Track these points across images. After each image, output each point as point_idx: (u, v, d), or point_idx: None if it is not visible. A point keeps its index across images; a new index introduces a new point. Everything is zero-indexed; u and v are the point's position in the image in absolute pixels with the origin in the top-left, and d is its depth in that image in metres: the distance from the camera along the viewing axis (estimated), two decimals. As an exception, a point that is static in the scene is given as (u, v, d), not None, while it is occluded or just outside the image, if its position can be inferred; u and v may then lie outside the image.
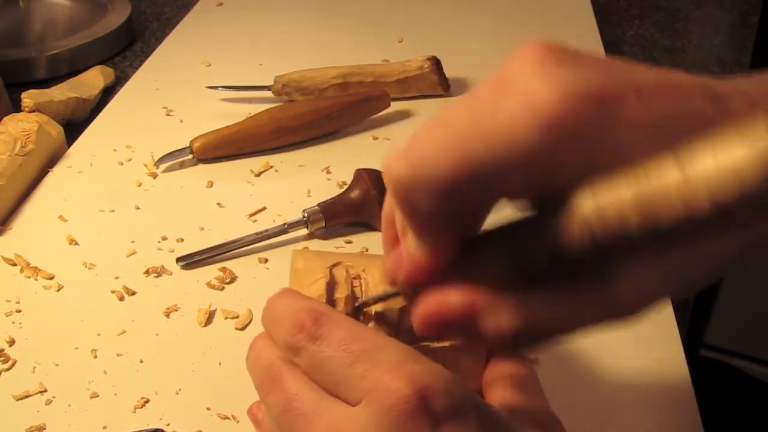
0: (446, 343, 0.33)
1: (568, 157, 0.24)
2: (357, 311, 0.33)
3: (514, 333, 0.26)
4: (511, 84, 0.24)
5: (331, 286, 0.33)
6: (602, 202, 0.23)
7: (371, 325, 0.32)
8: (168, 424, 0.41)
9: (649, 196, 0.22)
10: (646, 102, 0.24)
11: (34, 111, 0.66)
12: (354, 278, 0.33)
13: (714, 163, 0.20)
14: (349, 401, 0.27)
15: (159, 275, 0.52)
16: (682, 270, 0.27)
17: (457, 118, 0.25)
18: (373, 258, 0.35)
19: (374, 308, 0.32)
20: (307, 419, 0.27)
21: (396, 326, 0.32)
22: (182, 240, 0.55)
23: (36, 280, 0.51)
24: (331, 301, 0.32)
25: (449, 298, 0.27)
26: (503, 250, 0.27)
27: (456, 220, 0.26)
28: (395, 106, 0.69)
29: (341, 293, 0.32)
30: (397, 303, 0.33)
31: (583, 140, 0.23)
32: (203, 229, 0.56)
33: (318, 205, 0.54)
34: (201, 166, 0.64)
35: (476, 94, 0.25)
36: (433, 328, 0.28)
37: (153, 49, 0.85)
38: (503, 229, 0.27)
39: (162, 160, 0.63)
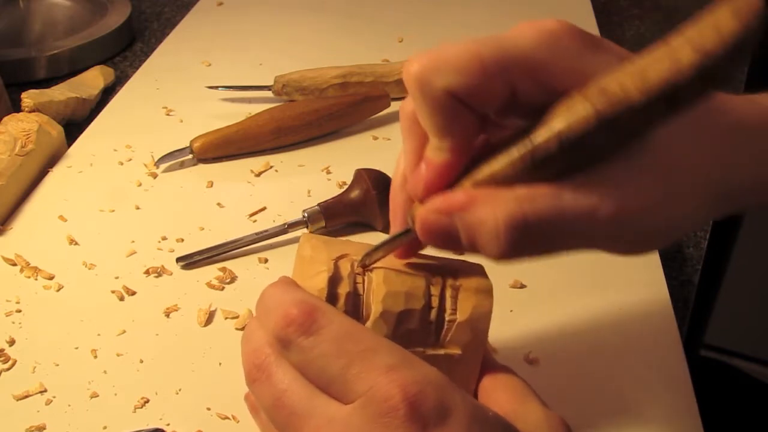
0: (441, 351, 0.33)
1: (562, 65, 0.28)
2: (365, 262, 0.33)
3: (508, 222, 0.27)
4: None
5: (334, 280, 0.32)
6: (602, 83, 0.27)
7: (369, 324, 0.32)
8: (168, 424, 0.41)
9: (643, 65, 0.26)
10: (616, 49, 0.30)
11: (34, 111, 0.66)
12: (358, 274, 0.33)
13: (694, 29, 0.25)
14: (340, 400, 0.27)
15: (159, 275, 0.52)
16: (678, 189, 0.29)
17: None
18: None
19: (373, 308, 0.32)
20: (298, 416, 0.27)
21: (393, 328, 0.32)
22: (182, 240, 0.55)
23: (36, 280, 0.51)
24: (332, 295, 0.32)
25: (454, 194, 0.29)
26: (513, 143, 0.28)
27: (470, 111, 0.29)
28: (395, 106, 0.69)
29: (343, 289, 0.32)
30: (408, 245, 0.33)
31: (574, 55, 0.29)
32: (203, 229, 0.56)
33: (318, 205, 0.54)
34: (201, 166, 0.64)
35: None
36: (434, 227, 0.29)
37: (153, 49, 0.85)
38: (515, 132, 0.29)
39: (162, 160, 0.63)
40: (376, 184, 0.53)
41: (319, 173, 0.62)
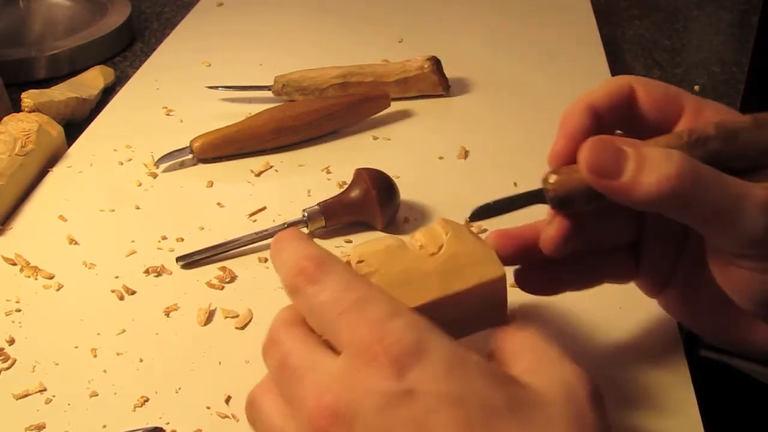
0: None
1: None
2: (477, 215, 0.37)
3: (683, 157, 0.32)
4: None
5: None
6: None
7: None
8: (167, 423, 0.41)
9: None
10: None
11: (34, 111, 0.66)
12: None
13: None
14: (334, 347, 0.29)
15: (159, 275, 0.52)
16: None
17: None
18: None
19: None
20: (298, 374, 0.28)
21: None
22: (182, 240, 0.55)
23: (36, 279, 0.51)
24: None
25: (628, 138, 0.34)
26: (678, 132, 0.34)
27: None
28: (395, 106, 0.69)
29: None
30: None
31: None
32: (203, 228, 0.56)
33: (318, 204, 0.54)
34: (201, 166, 0.64)
35: None
36: (608, 147, 0.33)
37: (153, 49, 0.85)
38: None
39: (162, 160, 0.63)
40: (376, 183, 0.53)
41: (319, 173, 0.62)
